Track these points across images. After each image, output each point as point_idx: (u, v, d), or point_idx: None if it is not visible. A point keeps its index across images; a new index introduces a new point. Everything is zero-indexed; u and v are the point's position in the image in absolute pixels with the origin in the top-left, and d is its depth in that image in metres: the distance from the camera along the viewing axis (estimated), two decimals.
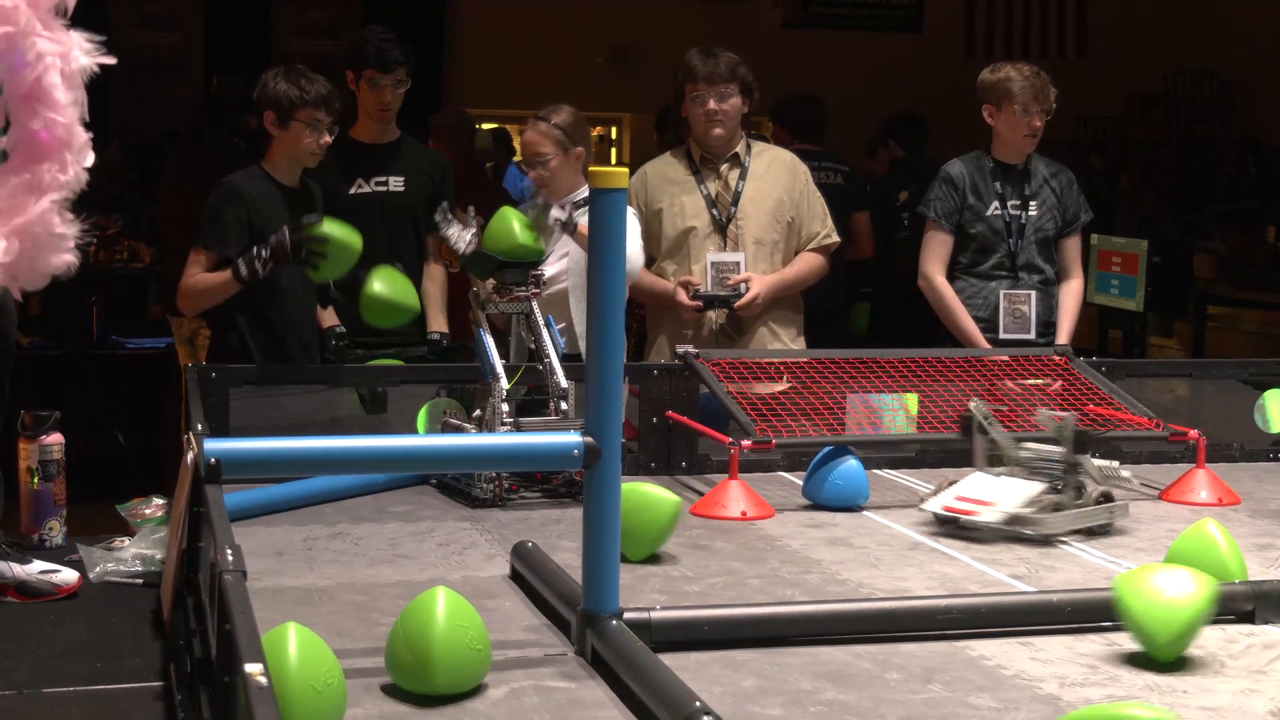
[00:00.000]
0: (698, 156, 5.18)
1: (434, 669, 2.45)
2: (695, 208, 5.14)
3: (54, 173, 2.67)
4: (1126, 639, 2.84)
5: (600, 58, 15.02)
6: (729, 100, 5.09)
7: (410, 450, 2.89)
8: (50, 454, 3.46)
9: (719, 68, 5.09)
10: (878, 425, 4.22)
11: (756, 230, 5.12)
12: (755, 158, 5.21)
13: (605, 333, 2.65)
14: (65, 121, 2.64)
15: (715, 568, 3.33)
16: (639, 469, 4.27)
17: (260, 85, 4.71)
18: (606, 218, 2.65)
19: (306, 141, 4.63)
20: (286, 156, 4.68)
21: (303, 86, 4.62)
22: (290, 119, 4.62)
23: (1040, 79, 5.31)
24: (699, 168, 5.18)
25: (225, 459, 2.45)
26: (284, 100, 4.62)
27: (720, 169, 5.17)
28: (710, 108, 5.08)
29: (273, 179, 4.67)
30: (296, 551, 3.40)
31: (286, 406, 4.38)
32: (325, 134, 4.67)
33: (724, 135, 5.13)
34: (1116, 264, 8.51)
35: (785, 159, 5.30)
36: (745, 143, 5.23)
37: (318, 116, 4.63)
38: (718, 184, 5.16)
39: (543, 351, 4.01)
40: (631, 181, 5.23)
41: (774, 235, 5.15)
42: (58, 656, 2.80)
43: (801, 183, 5.23)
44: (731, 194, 5.14)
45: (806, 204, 5.22)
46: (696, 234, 5.12)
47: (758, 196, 5.15)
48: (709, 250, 5.11)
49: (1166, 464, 4.53)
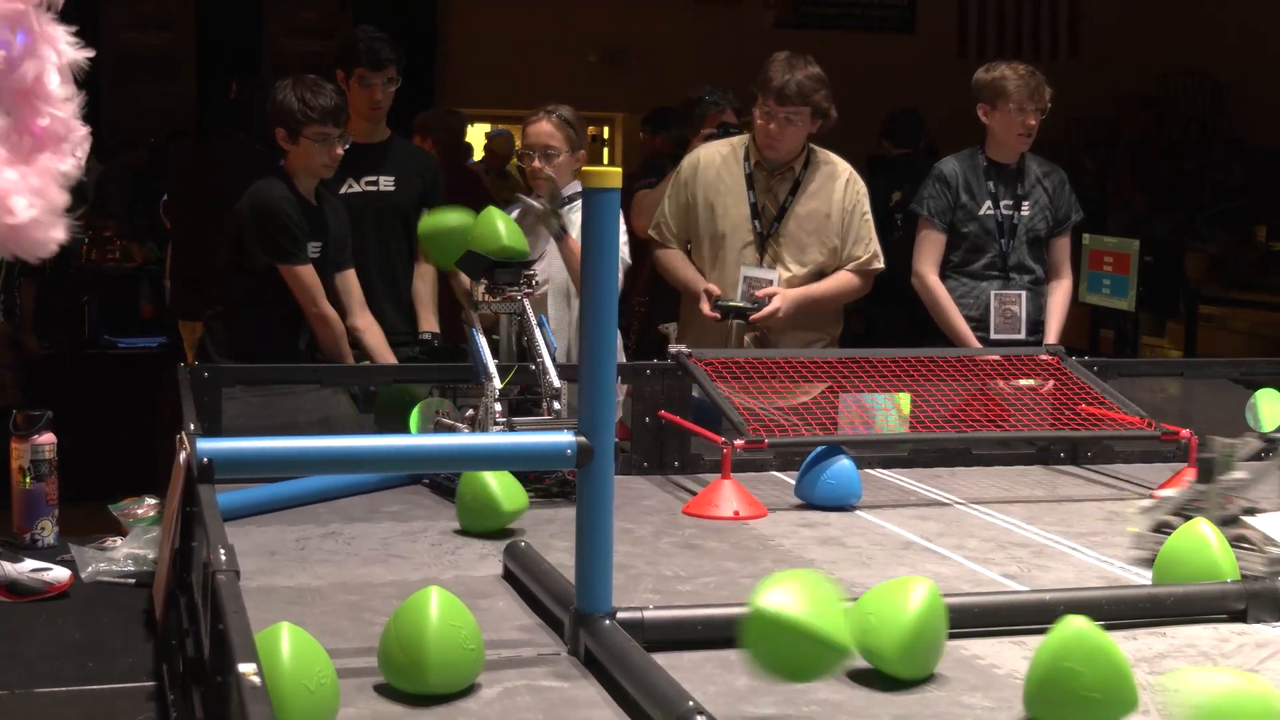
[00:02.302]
0: (754, 159, 5.07)
1: (427, 669, 2.45)
2: (739, 214, 5.03)
3: (54, 160, 2.67)
4: (1120, 638, 2.84)
5: (593, 58, 15.00)
6: (794, 124, 4.94)
7: (403, 450, 2.89)
8: (42, 453, 3.45)
9: (789, 88, 4.91)
10: (870, 425, 4.22)
11: (795, 247, 5.02)
12: (811, 171, 5.06)
13: (598, 332, 2.65)
14: (64, 116, 2.64)
15: (708, 567, 3.33)
16: (632, 468, 4.27)
17: (271, 99, 4.73)
18: (599, 217, 2.65)
19: (317, 156, 4.67)
20: (302, 169, 4.71)
21: (308, 101, 4.63)
22: (300, 135, 4.64)
23: (1035, 78, 5.32)
24: (752, 171, 5.06)
25: (218, 459, 2.44)
26: (292, 117, 4.64)
27: (772, 180, 5.05)
28: (771, 129, 4.95)
29: (295, 188, 4.71)
30: (289, 551, 3.39)
31: (279, 405, 4.37)
32: (337, 146, 4.69)
33: (778, 154, 5.01)
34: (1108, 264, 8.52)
35: (841, 175, 5.10)
36: (805, 155, 5.07)
37: (326, 131, 4.65)
38: (766, 194, 5.04)
39: (535, 351, 4.00)
40: (684, 164, 5.19)
41: (815, 255, 5.03)
42: (50, 657, 2.80)
43: (852, 201, 5.06)
44: (777, 208, 5.03)
45: (854, 225, 5.06)
46: (735, 241, 5.03)
47: (803, 214, 5.03)
48: (745, 260, 5.02)
49: (1159, 463, 4.55)
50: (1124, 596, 3.02)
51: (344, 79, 5.21)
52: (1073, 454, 4.62)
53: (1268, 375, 4.74)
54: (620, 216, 3.00)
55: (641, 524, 3.72)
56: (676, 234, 5.15)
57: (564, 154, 4.94)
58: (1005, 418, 4.37)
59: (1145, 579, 3.26)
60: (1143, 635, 2.90)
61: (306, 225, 4.69)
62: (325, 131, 4.65)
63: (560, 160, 4.94)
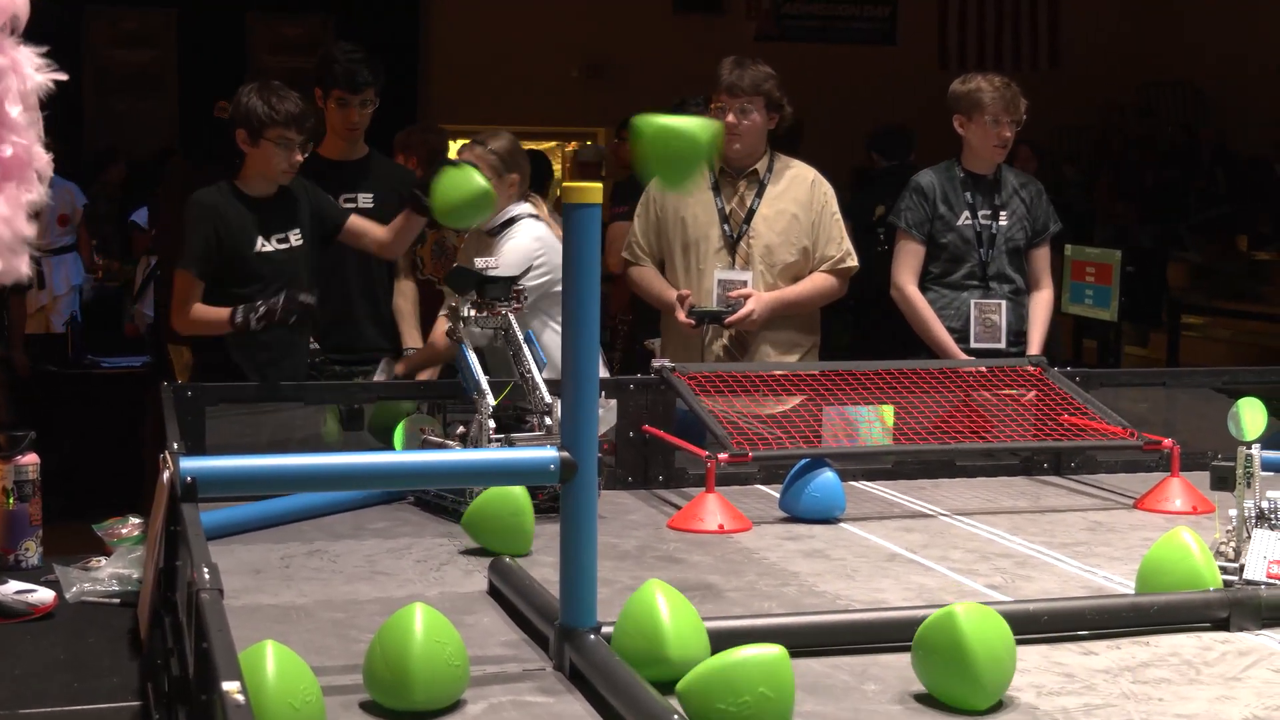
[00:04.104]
0: (717, 168, 5.09)
1: (412, 685, 2.46)
2: (708, 221, 5.06)
3: (19, 189, 2.66)
4: (1103, 648, 2.86)
5: (575, 71, 15.02)
6: (750, 116, 4.99)
7: (387, 467, 2.89)
8: (26, 474, 3.44)
9: (743, 80, 4.99)
10: (854, 437, 4.23)
11: (766, 250, 5.03)
12: (776, 175, 5.10)
13: (580, 348, 2.66)
14: (25, 143, 2.63)
15: (693, 580, 3.33)
16: (616, 483, 4.27)
17: (234, 101, 4.70)
18: (580, 233, 2.66)
19: (276, 160, 4.63)
20: (259, 174, 4.68)
21: (273, 105, 4.60)
22: (261, 137, 4.60)
23: (1011, 90, 5.34)
24: (718, 180, 5.10)
25: (201, 477, 2.45)
26: (255, 118, 4.60)
27: (738, 184, 5.09)
28: (729, 121, 4.98)
29: (242, 194, 4.66)
30: (274, 569, 3.39)
31: (263, 424, 4.37)
32: (297, 152, 4.65)
33: (742, 151, 5.04)
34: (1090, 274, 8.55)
35: (807, 177, 5.14)
36: (769, 159, 5.11)
37: (288, 135, 4.61)
38: (733, 199, 5.08)
39: (524, 367, 4.00)
40: (652, 183, 5.20)
41: (785, 256, 5.05)
42: (35, 676, 2.79)
43: (820, 202, 5.10)
44: (745, 211, 5.06)
45: (824, 225, 5.09)
46: (706, 248, 5.05)
47: (771, 215, 5.06)
48: (718, 266, 5.04)
49: (1142, 473, 4.56)
50: (1107, 606, 3.03)
51: (321, 98, 5.21)
52: (1056, 465, 4.63)
53: (1250, 384, 4.76)
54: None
55: (626, 538, 3.72)
56: (649, 252, 5.18)
57: (490, 181, 4.90)
58: (989, 429, 4.38)
59: (1129, 588, 3.27)
60: (1126, 644, 2.91)
61: (261, 220, 4.64)
62: (287, 136, 4.62)
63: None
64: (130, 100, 14.31)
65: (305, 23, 14.88)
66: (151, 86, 14.59)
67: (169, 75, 14.69)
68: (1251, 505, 3.20)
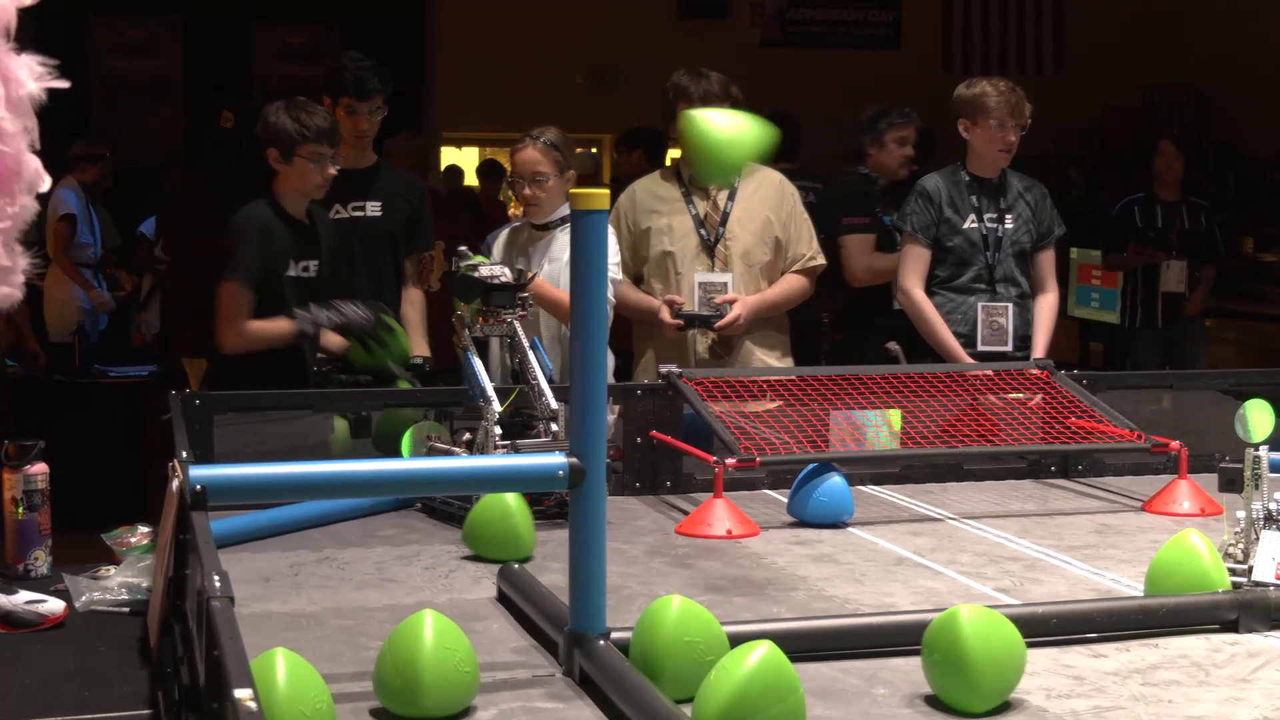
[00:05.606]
0: (687, 176, 5.18)
1: (422, 692, 2.46)
2: (684, 228, 5.15)
3: (1, 205, 2.63)
4: (1113, 650, 2.86)
5: (579, 78, 15.03)
6: None
7: (395, 474, 2.90)
8: (35, 484, 3.45)
9: (712, 87, 5.09)
10: (861, 442, 4.23)
11: (744, 251, 5.14)
12: (744, 179, 5.19)
13: (588, 353, 2.66)
14: (13, 152, 2.60)
15: (701, 586, 3.33)
16: (624, 489, 4.28)
17: (262, 121, 4.75)
18: (588, 239, 2.67)
19: (311, 175, 4.70)
20: (294, 190, 4.73)
21: (303, 121, 4.67)
22: (294, 155, 4.67)
23: (1015, 94, 5.34)
24: (688, 187, 5.18)
25: (210, 485, 2.45)
26: (286, 136, 4.67)
27: (709, 190, 5.17)
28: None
29: (283, 211, 4.72)
30: (283, 577, 3.40)
31: (271, 432, 4.38)
32: (330, 166, 4.72)
33: None
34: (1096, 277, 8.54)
35: (773, 180, 5.29)
36: None
37: (320, 151, 4.68)
38: (706, 204, 5.17)
39: (529, 373, 4.00)
40: (621, 200, 5.26)
41: (762, 256, 5.18)
42: (45, 685, 2.80)
43: (789, 204, 5.25)
44: (720, 214, 5.15)
45: (794, 225, 5.24)
46: (685, 254, 5.14)
47: (745, 217, 5.17)
48: (697, 270, 5.13)
49: (1149, 475, 4.56)
50: (1116, 608, 3.03)
51: (330, 106, 5.22)
52: (1063, 468, 4.63)
53: (1256, 386, 4.75)
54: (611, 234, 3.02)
55: (634, 544, 3.73)
56: (624, 267, 5.20)
57: (553, 178, 4.96)
58: (996, 432, 4.38)
59: (1137, 591, 3.27)
60: (1135, 647, 2.91)
61: (295, 244, 4.70)
62: (320, 151, 4.70)
63: (550, 184, 4.96)
64: (136, 109, 14.34)
65: (310, 31, 14.90)
66: (157, 95, 14.61)
67: (174, 84, 14.71)
68: (1259, 507, 3.20)
